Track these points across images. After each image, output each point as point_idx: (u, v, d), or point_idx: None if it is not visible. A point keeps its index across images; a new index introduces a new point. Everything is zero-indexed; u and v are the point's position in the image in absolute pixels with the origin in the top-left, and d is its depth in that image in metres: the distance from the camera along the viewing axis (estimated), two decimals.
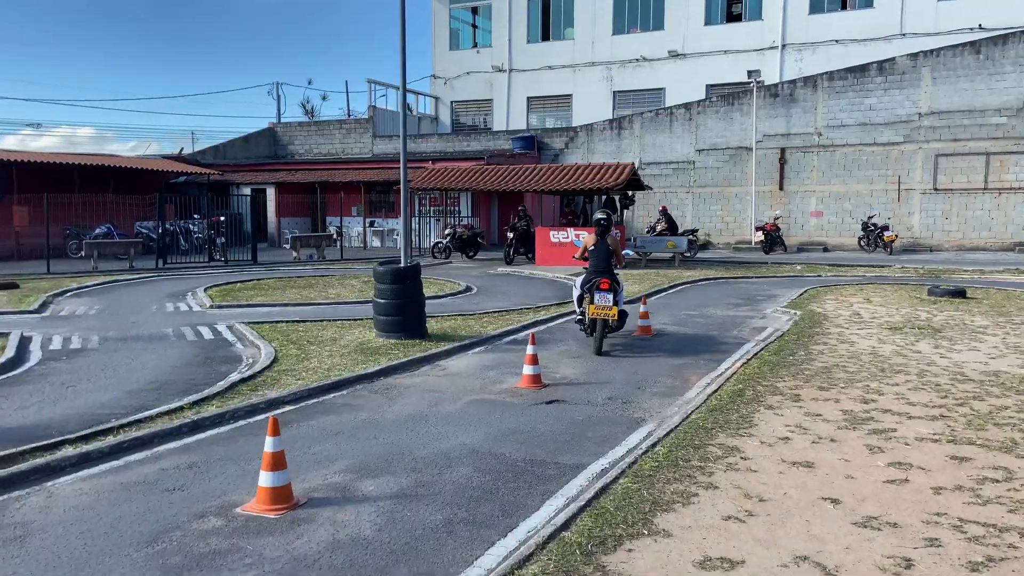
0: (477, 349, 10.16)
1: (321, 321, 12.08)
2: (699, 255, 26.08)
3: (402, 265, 10.31)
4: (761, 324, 12.25)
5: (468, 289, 17.15)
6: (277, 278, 19.48)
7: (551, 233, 22.29)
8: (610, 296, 9.67)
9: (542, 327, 11.97)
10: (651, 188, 26.40)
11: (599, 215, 10.46)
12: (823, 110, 28.15)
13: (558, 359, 9.48)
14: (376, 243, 32.00)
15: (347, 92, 72.57)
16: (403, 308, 10.03)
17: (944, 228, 26.66)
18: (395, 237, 31.22)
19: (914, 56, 26.81)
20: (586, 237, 10.49)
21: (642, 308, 11.36)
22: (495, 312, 13.35)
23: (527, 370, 8.09)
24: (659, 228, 25.07)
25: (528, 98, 39.11)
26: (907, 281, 18.00)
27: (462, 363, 9.30)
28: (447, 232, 24.96)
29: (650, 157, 31.19)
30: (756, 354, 9.39)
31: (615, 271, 10.11)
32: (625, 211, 26.17)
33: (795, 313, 12.95)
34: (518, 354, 9.41)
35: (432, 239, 27.11)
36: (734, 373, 8.34)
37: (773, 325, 12.08)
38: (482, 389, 8.00)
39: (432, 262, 23.81)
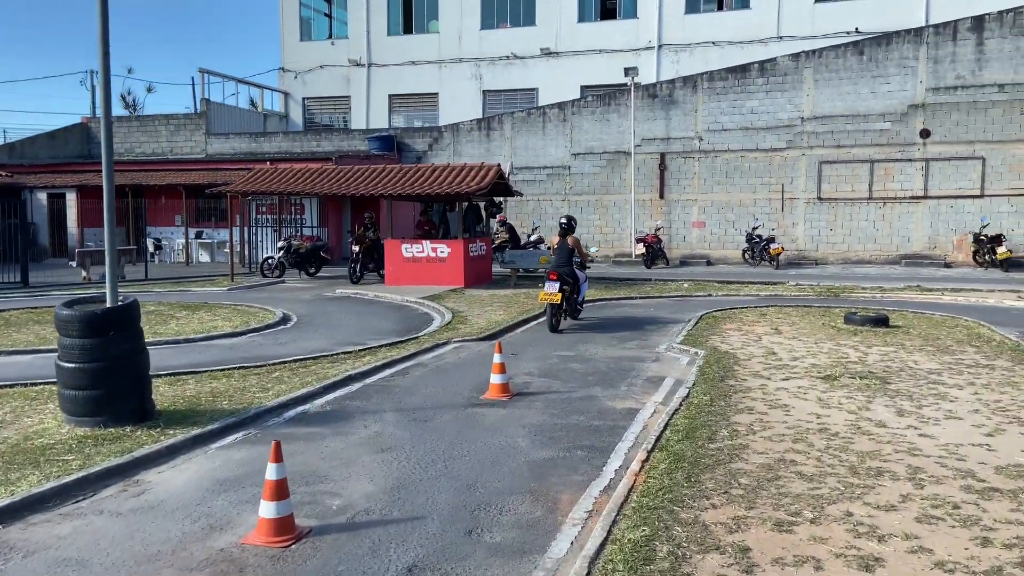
0: (228, 439, 6.42)
1: (5, 387, 7.95)
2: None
3: (106, 306, 6.39)
4: (656, 371, 9.18)
5: (284, 320, 13.28)
6: (19, 309, 14.81)
7: (403, 247, 18.69)
8: (556, 284, 11.80)
9: (355, 385, 8.37)
10: (521, 194, 23.36)
11: (561, 219, 12.93)
12: (704, 112, 26.08)
13: (348, 464, 5.90)
14: (204, 257, 27.26)
15: (194, 85, 65.09)
16: (104, 376, 6.16)
17: (829, 240, 25.09)
18: (226, 251, 26.62)
19: (796, 56, 25.17)
20: (552, 238, 12.94)
21: (496, 357, 7.98)
22: (299, 360, 9.62)
23: (263, 512, 4.49)
24: (498, 240, 22.14)
25: (390, 96, 35.38)
26: (808, 302, 15.66)
27: (183, 476, 5.54)
28: (280, 245, 20.84)
29: (522, 161, 28.18)
30: (659, 438, 6.19)
31: (574, 268, 12.41)
32: (493, 220, 22.96)
33: (696, 353, 9.99)
34: (300, 445, 5.83)
35: (269, 253, 22.84)
36: (631, 489, 5.06)
37: (673, 373, 9.04)
38: (181, 549, 4.32)
39: (259, 282, 19.63)
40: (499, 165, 19.42)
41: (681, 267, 25.27)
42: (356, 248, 19.75)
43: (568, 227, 12.68)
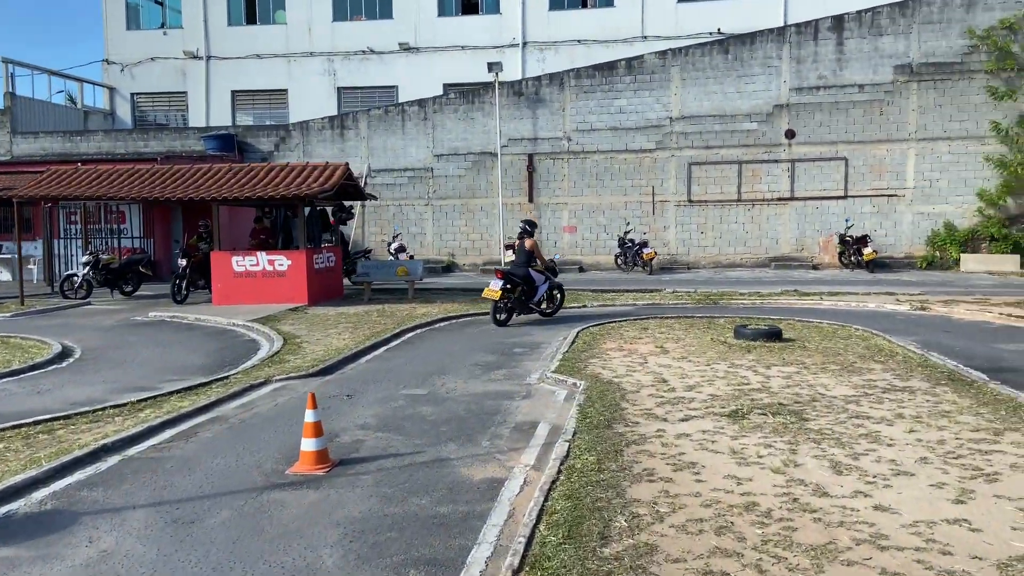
0: None
1: None
2: (442, 281, 21.25)
3: None
4: (528, 414, 7.31)
5: (61, 356, 10.45)
6: None
7: (234, 259, 15.99)
8: (500, 283, 12.61)
9: (109, 460, 5.94)
10: (375, 198, 21.07)
11: (521, 222, 14.06)
12: (572, 112, 24.79)
13: None
14: (5, 275, 23.16)
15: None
16: None
17: (700, 243, 24.39)
18: (31, 267, 22.65)
19: (663, 54, 24.34)
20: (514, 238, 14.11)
21: (309, 415, 5.79)
22: (45, 420, 7.03)
23: None
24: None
25: (233, 92, 32.02)
26: (688, 312, 14.40)
27: None
28: (85, 260, 17.50)
29: (381, 163, 25.88)
30: (530, 540, 4.26)
31: (530, 270, 12.99)
32: (343, 227, 20.58)
33: (575, 385, 8.22)
34: None
35: (73, 269, 19.31)
36: None
37: (548, 415, 7.19)
38: None
39: (58, 305, 16.30)
40: (347, 164, 17.08)
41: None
42: (183, 262, 16.84)
43: (525, 230, 13.44)
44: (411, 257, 21.86)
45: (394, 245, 22.70)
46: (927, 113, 22.72)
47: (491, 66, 24.36)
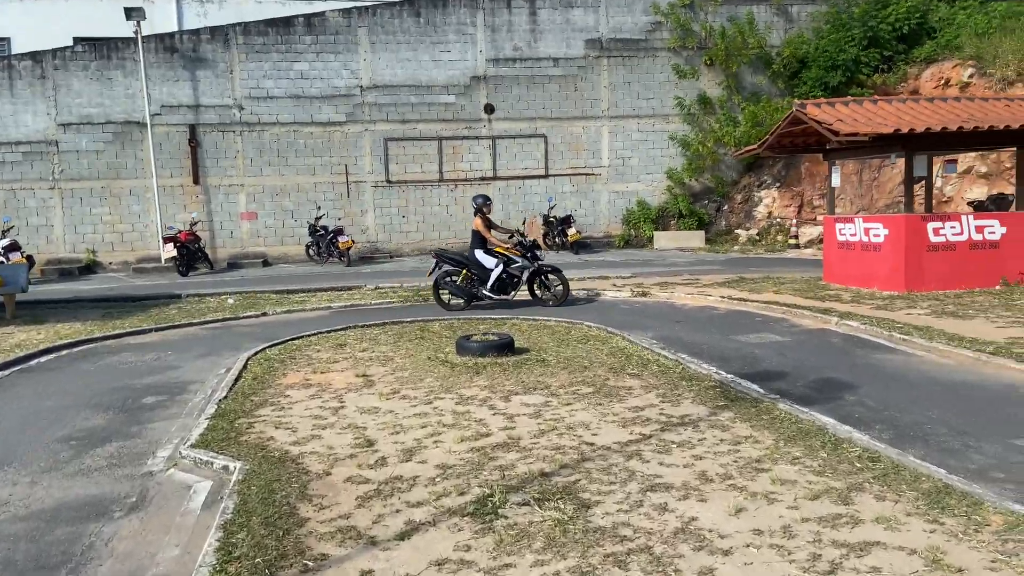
0: None
1: None
2: (77, 288, 16.26)
3: None
4: (124, 561, 4.05)
5: None
6: None
7: None
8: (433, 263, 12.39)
9: None
10: None
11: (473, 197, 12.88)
12: (242, 75, 20.77)
13: None
14: None
15: None
16: None
17: (402, 229, 22.01)
18: None
19: (347, 13, 21.32)
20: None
21: None
22: None
23: None
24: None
25: None
26: (397, 315, 11.85)
27: None
28: None
29: None
30: None
31: (478, 252, 12.02)
32: None
33: (227, 470, 5.12)
34: None
35: None
36: None
37: (162, 561, 4.02)
38: None
39: None
40: None
41: (231, 270, 19.80)
42: None
43: (475, 207, 12.36)
44: (28, 258, 16.48)
45: (4, 242, 17.08)
46: (618, 90, 22.62)
47: (130, 12, 19.36)
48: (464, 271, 12.01)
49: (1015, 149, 12.06)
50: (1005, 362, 7.15)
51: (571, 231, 20.99)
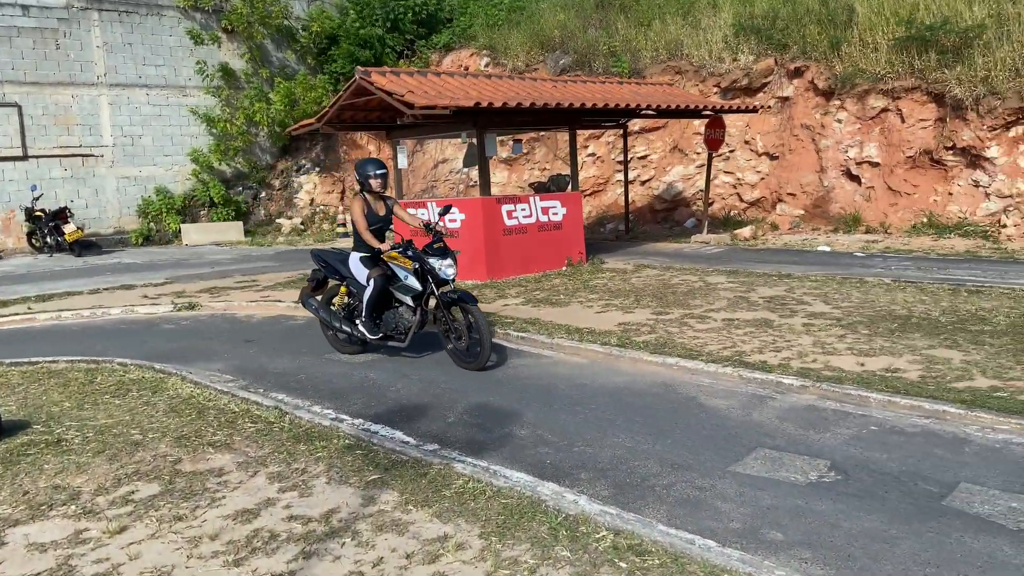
0: None
1: None
2: None
3: None
4: None
5: None
6: None
7: None
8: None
9: None
10: None
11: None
12: None
13: None
14: None
15: None
16: None
17: None
18: None
19: None
20: None
21: None
22: None
23: None
24: None
25: None
26: None
27: None
28: None
29: None
30: None
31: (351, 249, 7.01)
32: None
33: None
34: None
35: None
36: None
37: None
38: None
39: None
40: None
41: None
42: None
43: (359, 181, 7.01)
44: None
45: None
46: (117, 53, 18.35)
47: None
48: (343, 286, 7.31)
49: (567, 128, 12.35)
50: (639, 355, 6.59)
51: (69, 228, 16.34)
